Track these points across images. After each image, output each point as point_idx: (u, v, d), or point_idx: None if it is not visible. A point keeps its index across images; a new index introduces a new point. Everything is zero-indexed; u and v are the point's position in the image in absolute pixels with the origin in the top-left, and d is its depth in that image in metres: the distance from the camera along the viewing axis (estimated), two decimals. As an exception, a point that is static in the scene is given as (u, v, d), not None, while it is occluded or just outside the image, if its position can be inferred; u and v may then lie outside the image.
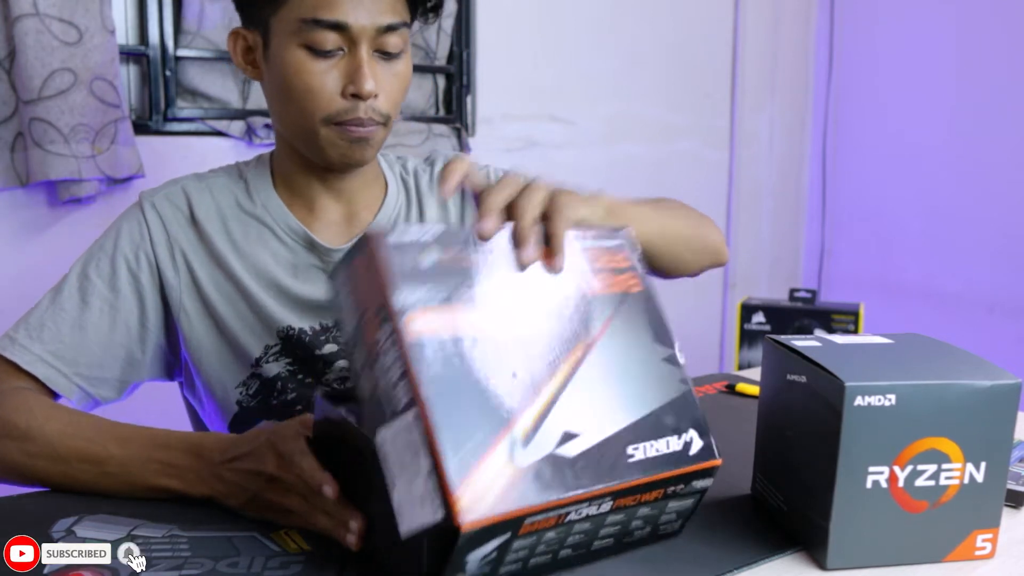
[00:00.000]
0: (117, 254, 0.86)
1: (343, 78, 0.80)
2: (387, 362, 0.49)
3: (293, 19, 0.79)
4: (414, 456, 0.47)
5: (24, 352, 0.81)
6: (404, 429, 0.47)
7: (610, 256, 0.61)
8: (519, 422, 0.50)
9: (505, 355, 0.51)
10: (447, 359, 0.49)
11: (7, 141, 1.43)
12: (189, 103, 1.67)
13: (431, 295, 0.50)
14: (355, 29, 0.79)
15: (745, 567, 0.57)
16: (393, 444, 0.48)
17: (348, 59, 0.81)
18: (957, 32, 2.37)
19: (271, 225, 0.89)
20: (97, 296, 0.84)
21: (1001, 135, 2.28)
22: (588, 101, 2.24)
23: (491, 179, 1.01)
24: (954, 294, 2.39)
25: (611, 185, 2.39)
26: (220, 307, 0.87)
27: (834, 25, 2.65)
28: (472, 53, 2.01)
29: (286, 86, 0.81)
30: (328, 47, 0.79)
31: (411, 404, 0.47)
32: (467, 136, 1.99)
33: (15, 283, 1.51)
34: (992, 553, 0.59)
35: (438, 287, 0.51)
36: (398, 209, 0.96)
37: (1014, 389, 0.55)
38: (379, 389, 0.50)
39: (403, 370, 0.48)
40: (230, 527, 0.62)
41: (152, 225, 0.87)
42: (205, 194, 0.90)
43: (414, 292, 0.49)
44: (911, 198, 2.50)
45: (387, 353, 0.49)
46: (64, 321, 0.83)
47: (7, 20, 1.38)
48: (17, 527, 0.61)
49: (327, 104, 0.80)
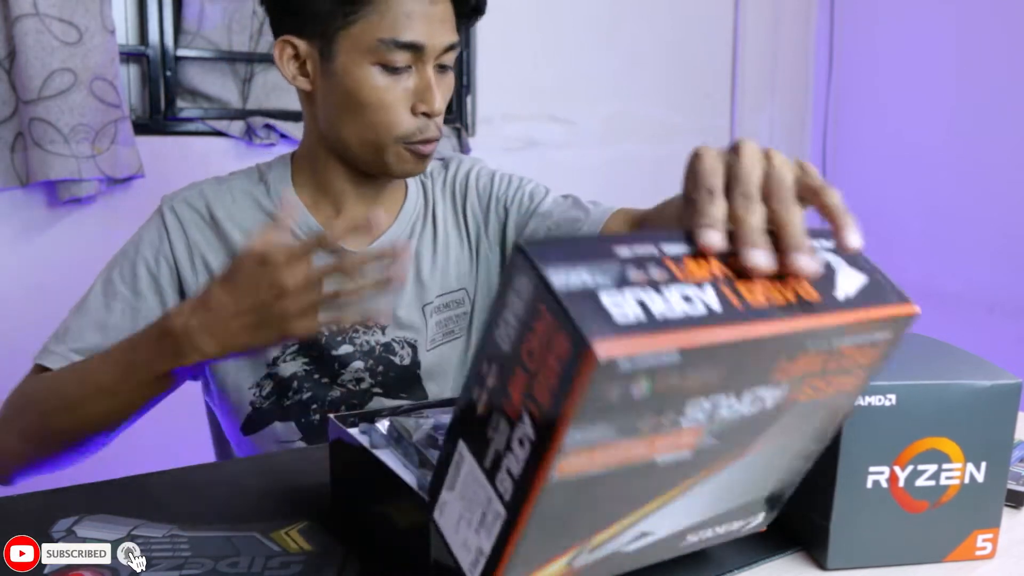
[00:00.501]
0: (138, 258, 0.88)
1: (412, 96, 0.84)
2: (514, 443, 0.39)
3: (368, 37, 0.81)
4: (477, 531, 0.43)
5: (49, 354, 0.84)
6: (487, 506, 0.42)
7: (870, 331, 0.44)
8: (600, 535, 0.45)
9: (636, 482, 0.43)
10: (575, 492, 0.40)
11: (7, 141, 1.43)
12: (189, 103, 1.67)
13: (605, 435, 0.38)
14: (428, 49, 0.82)
15: (745, 567, 0.57)
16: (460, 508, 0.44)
17: (416, 76, 0.84)
18: (957, 32, 2.37)
19: (291, 227, 0.90)
20: (119, 299, 0.86)
21: (1001, 135, 2.28)
22: (588, 101, 2.24)
23: (495, 183, 1.01)
24: (954, 294, 2.39)
25: (611, 185, 2.40)
26: None
27: (834, 25, 2.65)
28: (472, 53, 2.01)
29: (355, 102, 0.83)
30: (400, 65, 0.82)
31: (510, 504, 0.40)
32: (467, 136, 1.99)
33: (15, 283, 1.51)
34: (992, 553, 0.59)
35: (624, 424, 0.38)
36: (416, 212, 0.98)
37: (1014, 389, 0.55)
38: (489, 440, 0.41)
39: (522, 482, 0.39)
40: (230, 527, 0.62)
41: (171, 228, 0.89)
42: (225, 196, 0.91)
43: (592, 431, 0.37)
44: (911, 198, 2.50)
45: (521, 444, 0.39)
46: (87, 324, 0.85)
47: (7, 20, 1.38)
48: (17, 527, 0.61)
49: (400, 123, 0.84)
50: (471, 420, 0.42)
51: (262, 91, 1.72)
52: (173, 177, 0.95)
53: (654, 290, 0.38)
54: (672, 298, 0.38)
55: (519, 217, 0.99)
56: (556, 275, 0.36)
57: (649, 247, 0.40)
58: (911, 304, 0.44)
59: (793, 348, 0.41)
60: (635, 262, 0.39)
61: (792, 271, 0.41)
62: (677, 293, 0.38)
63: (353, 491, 0.62)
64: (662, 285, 0.38)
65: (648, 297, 0.37)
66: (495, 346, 0.40)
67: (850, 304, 0.42)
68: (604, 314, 0.35)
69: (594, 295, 0.36)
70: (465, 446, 0.42)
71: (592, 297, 0.36)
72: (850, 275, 0.44)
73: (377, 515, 0.59)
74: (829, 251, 0.46)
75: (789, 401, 0.44)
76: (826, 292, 0.42)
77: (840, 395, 0.47)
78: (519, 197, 1.00)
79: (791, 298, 0.41)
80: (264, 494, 0.69)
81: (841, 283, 0.43)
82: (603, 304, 0.36)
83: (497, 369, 0.40)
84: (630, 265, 0.38)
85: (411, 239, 0.96)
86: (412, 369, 0.95)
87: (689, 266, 0.40)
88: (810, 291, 0.42)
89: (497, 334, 0.39)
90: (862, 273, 0.45)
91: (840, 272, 0.44)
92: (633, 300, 0.37)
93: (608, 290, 0.37)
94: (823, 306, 0.41)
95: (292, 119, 1.73)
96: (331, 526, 0.63)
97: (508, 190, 1.01)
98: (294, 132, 1.71)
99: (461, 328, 0.99)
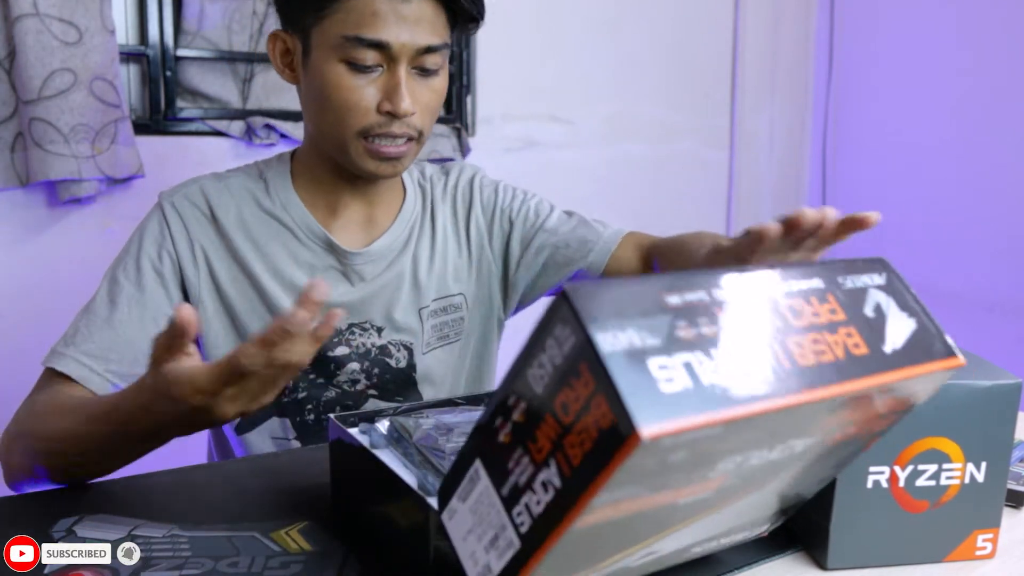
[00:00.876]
0: (141, 254, 0.87)
1: (380, 94, 0.82)
2: (537, 484, 0.39)
3: (335, 34, 0.80)
4: (487, 549, 0.43)
5: (59, 357, 0.82)
6: (500, 531, 0.42)
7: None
8: (610, 559, 0.45)
9: (656, 519, 0.43)
10: (594, 534, 0.40)
11: (7, 141, 1.43)
12: (189, 103, 1.67)
13: (634, 492, 0.38)
14: (395, 48, 0.80)
15: (745, 567, 0.57)
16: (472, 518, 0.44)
17: (387, 76, 0.82)
18: (957, 32, 2.37)
19: (290, 226, 0.90)
20: (125, 296, 0.85)
21: (1001, 135, 2.28)
22: (588, 101, 2.24)
23: (499, 194, 1.01)
24: (954, 294, 2.39)
25: (611, 185, 2.40)
26: (237, 304, 0.89)
27: (834, 25, 2.65)
28: (472, 53, 2.01)
29: (323, 97, 0.83)
30: (368, 63, 0.81)
31: (526, 538, 0.40)
32: (467, 136, 1.99)
33: (15, 283, 1.51)
34: (993, 553, 0.59)
35: (655, 483, 0.38)
36: (415, 215, 0.98)
37: (1014, 389, 0.55)
38: (508, 470, 0.41)
39: (542, 523, 0.39)
40: (230, 527, 0.62)
41: (172, 223, 0.88)
42: (224, 193, 0.91)
43: (621, 491, 0.37)
44: (911, 198, 2.50)
45: (545, 488, 0.38)
46: (95, 323, 0.84)
47: (7, 20, 1.38)
48: (17, 527, 0.61)
49: (361, 117, 0.82)
50: (491, 444, 0.41)
51: (262, 91, 1.72)
52: (173, 177, 0.95)
53: (703, 352, 0.36)
54: (721, 360, 0.36)
55: (524, 231, 0.99)
56: (603, 335, 0.35)
57: (700, 293, 0.39)
58: (956, 357, 0.44)
59: (835, 407, 0.40)
60: (686, 313, 0.37)
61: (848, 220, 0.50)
62: (726, 353, 0.37)
63: (353, 491, 0.63)
64: (711, 343, 0.37)
65: (696, 360, 0.36)
66: (526, 384, 0.39)
67: (898, 360, 0.42)
68: (651, 386, 0.34)
69: (641, 360, 0.35)
70: (482, 467, 0.42)
71: (639, 363, 0.34)
72: (900, 321, 0.44)
73: (377, 515, 0.59)
74: (879, 289, 0.45)
75: (819, 444, 0.44)
76: (875, 345, 0.42)
77: (870, 434, 0.48)
78: (524, 211, 1.00)
79: (840, 354, 0.40)
80: (264, 494, 0.69)
81: (891, 332, 0.43)
82: (650, 372, 0.34)
83: (526, 407, 0.39)
84: (680, 317, 0.37)
85: (409, 242, 0.96)
86: (407, 372, 0.95)
87: (739, 316, 0.39)
88: (860, 343, 0.41)
89: (530, 374, 0.38)
90: (912, 318, 0.44)
91: (890, 318, 0.44)
92: (681, 365, 0.35)
93: (656, 353, 0.35)
94: (871, 364, 0.41)
95: (292, 119, 1.73)
96: (331, 526, 0.63)
97: (513, 203, 1.01)
98: (294, 132, 1.71)
99: (457, 333, 0.99)
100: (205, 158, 1.66)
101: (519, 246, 1.00)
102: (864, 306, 0.44)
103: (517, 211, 1.00)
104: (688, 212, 2.50)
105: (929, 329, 0.45)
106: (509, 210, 1.00)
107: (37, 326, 1.54)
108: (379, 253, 0.93)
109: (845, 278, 0.44)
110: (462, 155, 1.93)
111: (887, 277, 0.46)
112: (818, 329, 0.41)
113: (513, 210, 1.00)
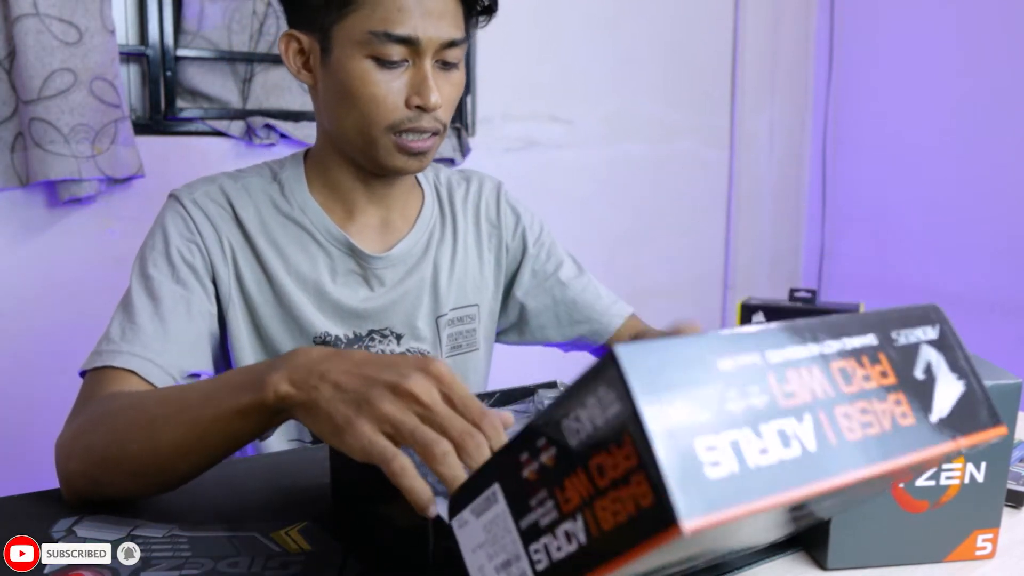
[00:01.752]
0: (171, 249, 0.84)
1: (408, 88, 0.82)
2: (560, 532, 0.38)
3: (360, 30, 0.80)
4: (497, 570, 0.42)
5: (112, 355, 0.76)
6: (514, 559, 0.41)
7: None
8: None
9: (674, 564, 0.43)
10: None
11: (7, 141, 1.43)
12: (189, 103, 1.67)
13: (663, 559, 0.38)
14: (423, 43, 0.81)
15: (745, 567, 0.57)
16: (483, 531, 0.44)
17: (413, 71, 0.82)
18: (957, 32, 2.37)
19: (310, 229, 0.89)
20: (166, 290, 0.82)
21: (1001, 135, 2.28)
22: (588, 101, 2.24)
23: (522, 218, 1.03)
24: (954, 294, 2.39)
25: (611, 185, 2.39)
26: (261, 307, 0.88)
27: (834, 25, 2.65)
28: (472, 53, 2.01)
29: (350, 94, 0.82)
30: (395, 58, 0.81)
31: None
32: (467, 136, 1.99)
33: (15, 283, 1.51)
34: (992, 553, 0.59)
35: (683, 552, 0.39)
36: (433, 219, 0.97)
37: (1014, 389, 0.55)
38: (530, 507, 0.40)
39: (560, 571, 0.38)
40: (230, 527, 0.62)
41: (198, 220, 0.86)
42: (243, 194, 0.89)
43: (648, 561, 0.37)
44: (911, 198, 2.50)
45: (568, 539, 0.38)
46: (141, 318, 0.79)
47: (7, 20, 1.38)
48: (17, 527, 0.61)
49: (391, 112, 0.82)
50: (514, 475, 0.40)
51: (262, 91, 1.72)
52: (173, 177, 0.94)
53: (751, 429, 0.35)
54: (768, 438, 0.36)
55: (535, 267, 1.03)
56: (651, 410, 0.33)
57: (755, 356, 0.38)
58: (1001, 426, 0.44)
59: (872, 480, 0.40)
60: (737, 379, 0.36)
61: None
62: (774, 429, 0.36)
63: (353, 491, 0.63)
64: (760, 417, 0.36)
65: (744, 439, 0.35)
66: (559, 433, 0.38)
67: (943, 432, 0.41)
68: (696, 471, 0.33)
69: (689, 441, 0.34)
70: (501, 493, 0.41)
71: (686, 444, 0.33)
72: (948, 384, 0.43)
73: (377, 515, 0.59)
74: (931, 345, 0.44)
75: (846, 498, 0.44)
76: (922, 414, 0.41)
77: (899, 479, 0.48)
78: (542, 253, 1.03)
79: (887, 425, 0.40)
80: (264, 494, 0.69)
81: (939, 398, 0.42)
82: (696, 455, 0.33)
83: (556, 454, 0.38)
84: (731, 385, 0.36)
85: (429, 247, 0.96)
86: None
87: (792, 382, 0.38)
88: (907, 412, 0.41)
89: (565, 425, 0.37)
90: (960, 380, 0.44)
91: (939, 381, 0.43)
92: (728, 445, 0.34)
93: (704, 432, 0.34)
94: (916, 438, 0.40)
95: (292, 119, 1.73)
96: (331, 526, 0.63)
97: (539, 235, 1.04)
98: (294, 132, 1.71)
99: (469, 344, 0.99)
100: (205, 158, 1.66)
101: (530, 277, 1.03)
102: (915, 367, 0.43)
103: (535, 243, 1.03)
104: (688, 212, 2.50)
105: (976, 394, 0.44)
106: (530, 239, 1.03)
107: (37, 326, 1.54)
108: (400, 258, 0.93)
109: (899, 333, 0.43)
110: (462, 155, 1.93)
111: (940, 330, 0.45)
112: (867, 396, 0.40)
113: (531, 240, 1.03)
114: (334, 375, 0.53)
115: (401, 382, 0.51)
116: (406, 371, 0.52)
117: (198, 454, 0.62)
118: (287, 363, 0.56)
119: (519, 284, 1.03)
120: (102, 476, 0.65)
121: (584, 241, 2.01)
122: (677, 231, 2.48)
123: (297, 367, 0.55)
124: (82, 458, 0.65)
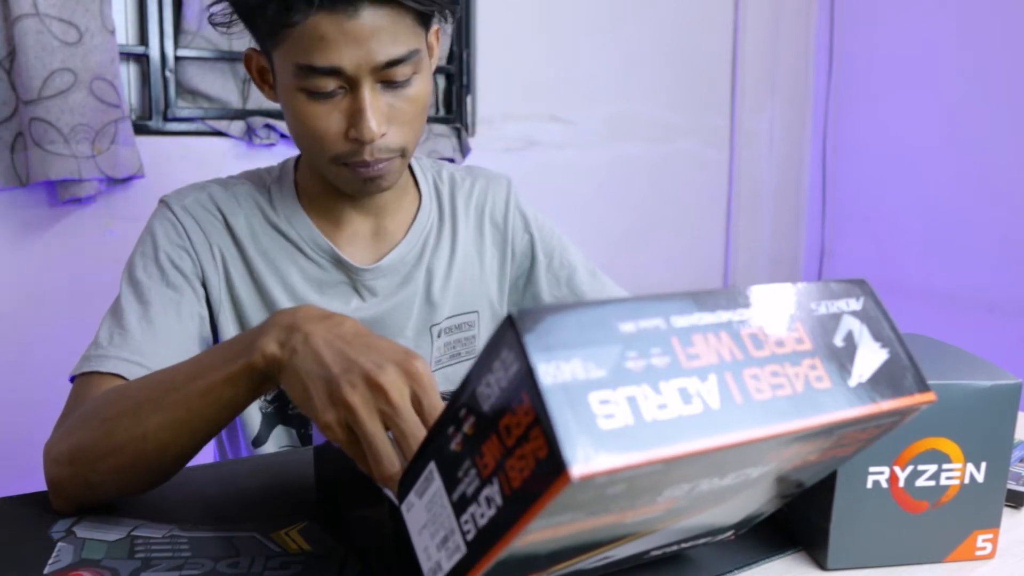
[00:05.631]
0: (160, 254, 0.83)
1: (345, 119, 0.77)
2: (482, 498, 0.39)
3: (289, 62, 0.75)
4: (439, 548, 0.43)
5: (100, 360, 0.75)
6: (450, 533, 0.42)
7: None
8: (560, 565, 0.45)
9: (603, 534, 0.43)
10: (538, 547, 0.40)
11: (7, 141, 1.43)
12: (189, 103, 1.67)
13: (574, 517, 0.38)
14: (350, 71, 0.74)
15: (745, 567, 0.57)
16: (425, 518, 0.44)
17: (349, 99, 0.76)
18: (957, 32, 2.37)
19: (296, 241, 0.88)
20: (155, 294, 0.81)
21: (1001, 135, 2.28)
22: (588, 101, 2.24)
23: (532, 227, 1.01)
24: (954, 294, 2.39)
25: (611, 185, 2.39)
26: (251, 315, 0.87)
27: (834, 25, 2.65)
28: (472, 53, 2.01)
29: (292, 124, 0.80)
30: (327, 90, 0.75)
31: (471, 545, 0.40)
32: (467, 136, 1.99)
33: (15, 283, 1.51)
34: (992, 553, 0.59)
35: (594, 508, 0.38)
36: (430, 224, 0.94)
37: (1014, 389, 0.55)
38: (458, 479, 0.41)
39: (485, 536, 0.39)
40: (230, 527, 0.62)
41: (187, 226, 0.85)
42: (232, 202, 0.88)
43: (559, 517, 0.37)
44: (911, 198, 2.50)
45: (488, 503, 0.38)
46: (130, 323, 0.78)
47: (7, 20, 1.38)
48: (17, 527, 0.61)
49: (331, 146, 0.78)
50: (444, 450, 0.41)
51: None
52: (173, 177, 0.94)
53: (650, 385, 0.36)
54: (668, 394, 0.36)
55: (549, 274, 1.00)
56: (545, 367, 0.34)
57: (658, 320, 0.38)
58: (928, 392, 0.43)
59: (789, 442, 0.40)
60: (637, 341, 0.37)
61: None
62: (675, 387, 0.36)
63: (336, 494, 0.63)
64: (660, 375, 0.36)
65: (642, 394, 0.35)
66: (476, 401, 0.38)
67: (861, 396, 0.41)
68: (589, 422, 0.34)
69: (582, 394, 0.34)
70: (436, 469, 0.42)
71: (579, 397, 0.34)
72: (870, 352, 0.43)
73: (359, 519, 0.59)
74: (854, 315, 0.43)
75: (777, 470, 0.44)
76: (839, 378, 0.41)
77: (834, 459, 0.47)
78: (555, 263, 1.01)
79: (798, 388, 0.39)
80: (264, 494, 0.69)
81: (859, 364, 0.42)
82: (590, 407, 0.34)
83: (475, 422, 0.39)
84: (631, 347, 0.36)
85: (423, 254, 0.93)
86: None
87: (697, 345, 0.38)
88: (823, 376, 0.40)
89: (479, 392, 0.38)
90: (884, 348, 0.43)
91: (861, 348, 0.42)
92: (624, 399, 0.35)
93: (599, 387, 0.35)
94: (830, 399, 0.40)
95: (292, 119, 1.73)
96: (331, 526, 0.63)
97: (551, 239, 1.02)
98: (294, 132, 1.71)
99: (469, 352, 0.97)
100: (205, 158, 1.66)
101: (547, 281, 1.00)
102: (834, 335, 0.42)
103: (548, 247, 1.01)
104: (688, 212, 2.50)
105: (901, 360, 0.43)
106: (540, 247, 1.00)
107: (37, 326, 1.54)
108: (390, 268, 0.91)
109: (819, 303, 0.43)
110: (462, 155, 1.93)
111: (864, 302, 0.44)
112: (779, 361, 0.40)
113: (543, 247, 1.00)
114: (316, 341, 0.54)
115: (376, 374, 0.50)
116: (384, 362, 0.51)
117: (188, 434, 0.62)
118: (275, 324, 0.57)
119: (540, 290, 1.00)
120: (92, 475, 0.63)
121: (584, 241, 2.01)
122: (677, 231, 2.48)
123: (283, 327, 0.56)
124: (72, 458, 0.64)
